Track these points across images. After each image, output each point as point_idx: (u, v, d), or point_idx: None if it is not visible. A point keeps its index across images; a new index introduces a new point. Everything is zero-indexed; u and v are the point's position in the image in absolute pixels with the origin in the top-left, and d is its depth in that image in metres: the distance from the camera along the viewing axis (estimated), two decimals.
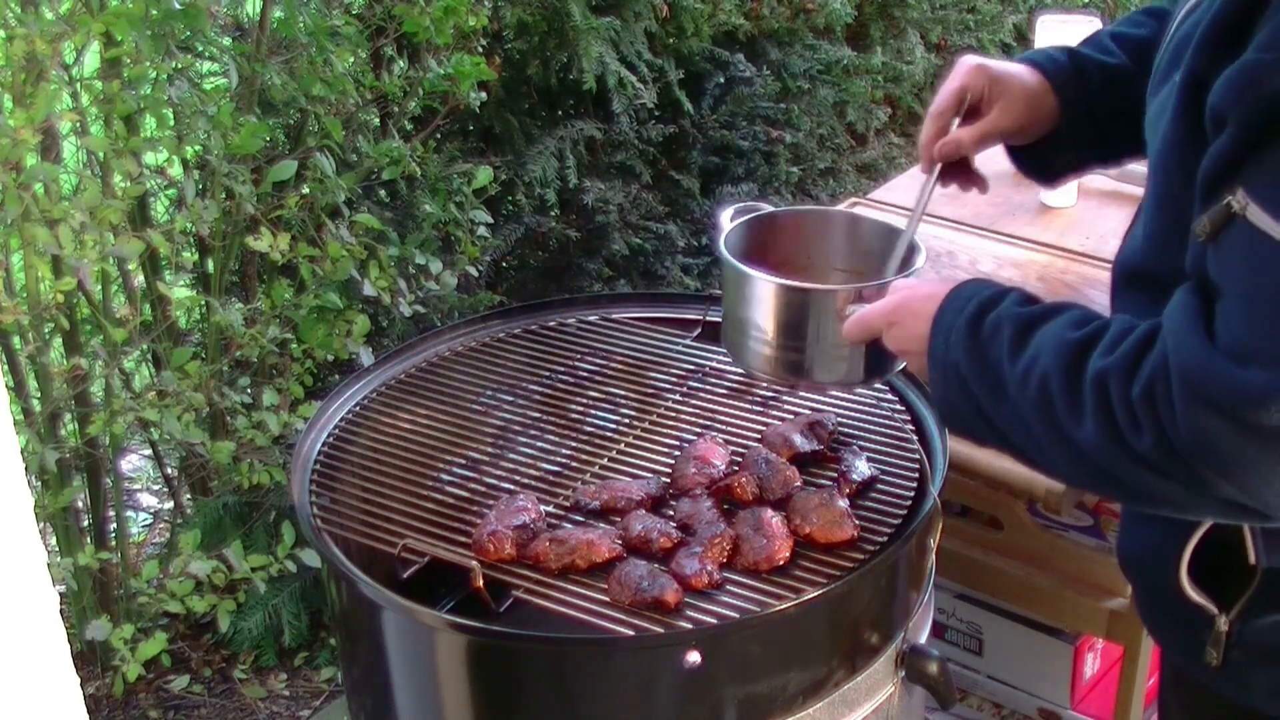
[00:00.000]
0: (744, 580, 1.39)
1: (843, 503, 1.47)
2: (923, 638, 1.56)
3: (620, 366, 1.81)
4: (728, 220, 1.53)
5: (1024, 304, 1.22)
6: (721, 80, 3.37)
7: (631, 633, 1.31)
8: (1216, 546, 1.23)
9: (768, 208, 1.59)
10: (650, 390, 1.76)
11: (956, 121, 1.46)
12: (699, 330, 1.87)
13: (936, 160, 1.47)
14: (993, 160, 2.26)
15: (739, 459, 1.59)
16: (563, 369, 1.81)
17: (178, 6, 2.15)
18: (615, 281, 3.25)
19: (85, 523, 2.64)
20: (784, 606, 1.33)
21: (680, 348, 1.85)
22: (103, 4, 2.04)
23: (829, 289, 1.43)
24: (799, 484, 1.52)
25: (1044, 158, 1.52)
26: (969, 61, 1.45)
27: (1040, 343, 1.16)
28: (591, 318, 1.92)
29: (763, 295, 1.44)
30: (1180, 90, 1.12)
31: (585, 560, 1.41)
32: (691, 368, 1.80)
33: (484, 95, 2.70)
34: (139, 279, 2.58)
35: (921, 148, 1.48)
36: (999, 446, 1.25)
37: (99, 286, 2.41)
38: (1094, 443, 1.10)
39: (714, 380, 1.78)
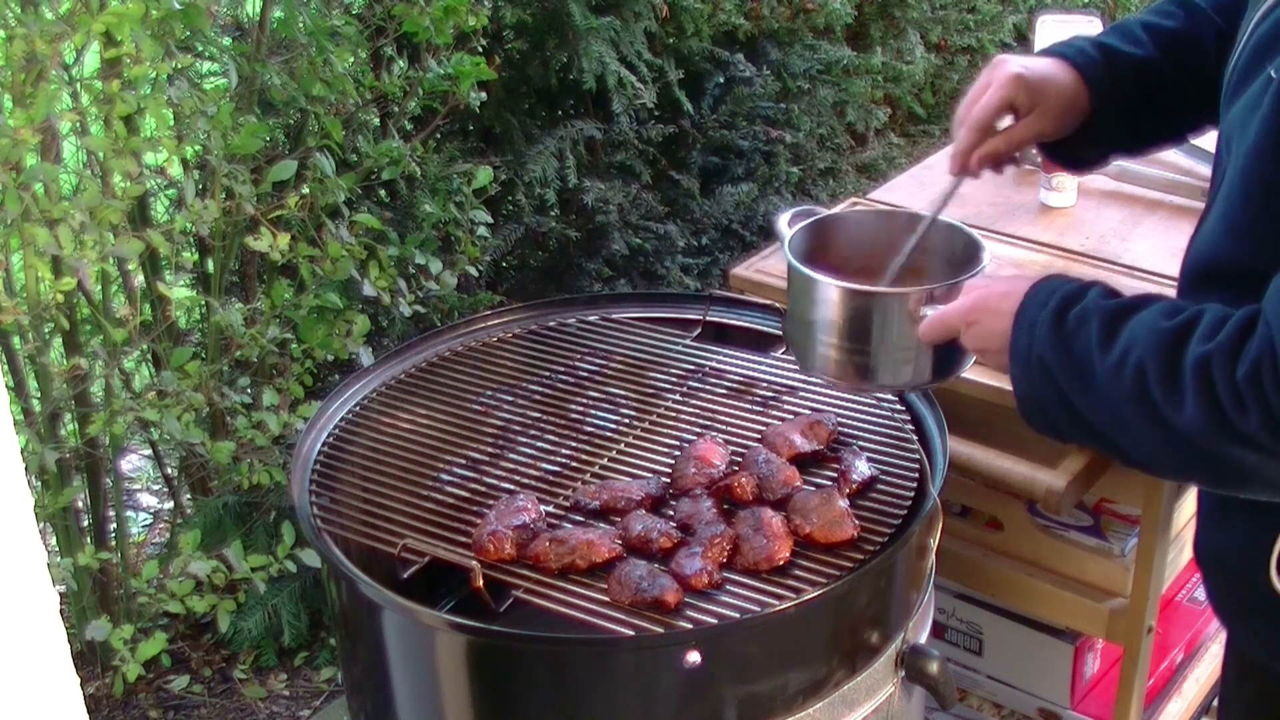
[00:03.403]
0: (744, 580, 1.39)
1: (843, 503, 1.47)
2: (923, 638, 1.56)
3: (620, 366, 1.81)
4: (785, 226, 1.53)
5: (1108, 296, 1.23)
6: (721, 80, 3.38)
7: (631, 633, 1.31)
8: None
9: (822, 210, 1.59)
10: (650, 390, 1.76)
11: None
12: (699, 330, 1.87)
13: (974, 171, 1.46)
14: None
15: (739, 459, 1.59)
16: (563, 369, 1.81)
17: (178, 6, 2.14)
18: (615, 281, 3.25)
19: (85, 523, 2.64)
20: (784, 606, 1.33)
21: (680, 348, 1.85)
22: (103, 4, 2.03)
23: (901, 291, 1.42)
24: (799, 484, 1.52)
25: (1074, 149, 1.52)
26: (1007, 71, 1.43)
27: (1133, 333, 1.17)
28: (591, 318, 1.92)
29: (831, 299, 1.43)
30: None
31: (585, 560, 1.41)
32: (691, 368, 1.80)
33: (484, 95, 2.70)
34: (139, 279, 2.58)
35: (956, 155, 1.46)
36: (1086, 440, 1.27)
37: (99, 286, 2.41)
38: (1195, 426, 1.12)
39: (714, 380, 1.78)
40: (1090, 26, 2.07)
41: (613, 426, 1.68)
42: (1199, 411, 1.12)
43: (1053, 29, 2.12)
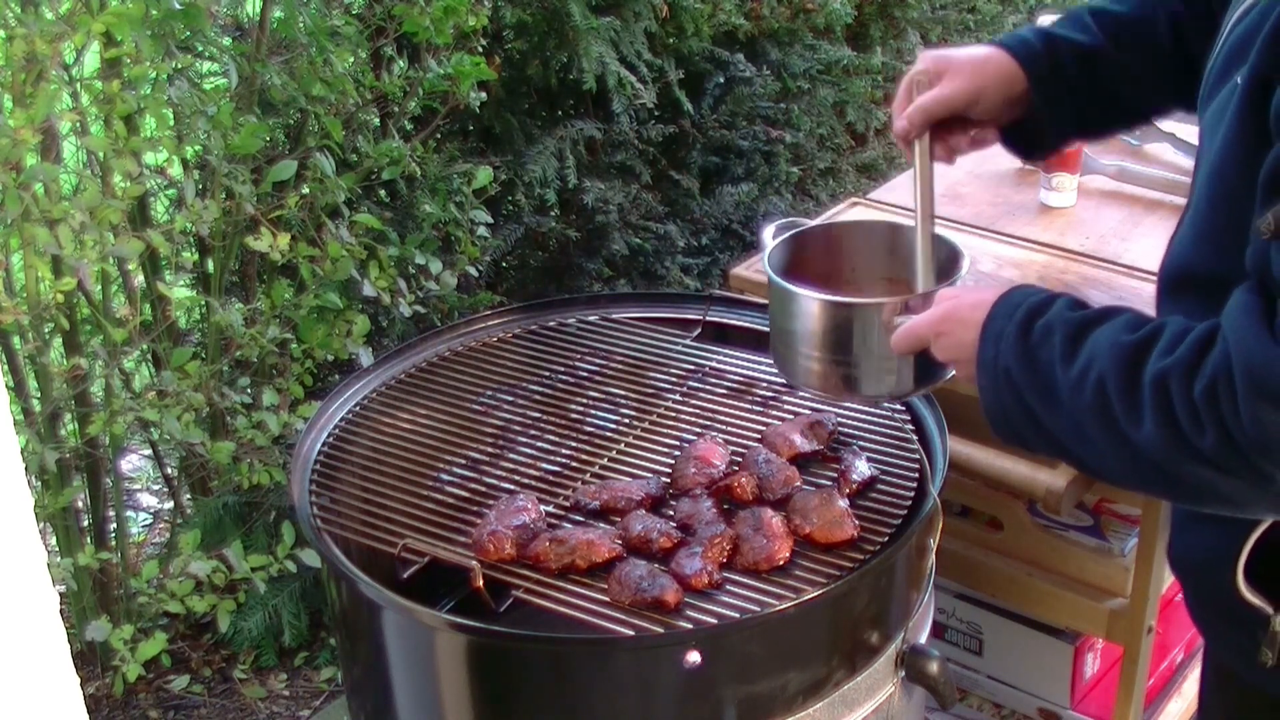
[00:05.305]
0: (744, 580, 1.39)
1: (843, 503, 1.47)
2: (923, 638, 1.56)
3: (620, 366, 1.81)
4: (769, 237, 1.53)
5: (1074, 309, 1.22)
6: (721, 80, 3.37)
7: (631, 633, 1.31)
8: (1273, 547, 1.24)
9: (808, 222, 1.59)
10: (650, 390, 1.76)
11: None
12: (699, 330, 1.87)
13: (912, 132, 1.47)
14: (992, 161, 2.26)
15: (739, 459, 1.59)
16: (563, 369, 1.81)
17: (178, 6, 2.14)
18: (615, 281, 3.25)
19: (85, 523, 2.64)
20: (784, 606, 1.33)
21: (680, 348, 1.85)
22: (103, 4, 2.03)
23: (874, 302, 1.43)
24: (799, 484, 1.53)
25: (1028, 135, 1.54)
26: (922, 52, 1.48)
27: (1095, 346, 1.17)
28: (591, 318, 1.92)
29: (809, 312, 1.44)
30: (1243, 91, 1.13)
31: (585, 560, 1.41)
32: (691, 368, 1.80)
33: (484, 95, 2.70)
34: (139, 279, 2.58)
35: (897, 137, 1.49)
36: (1051, 452, 1.26)
37: (99, 286, 2.41)
38: (1155, 443, 1.11)
39: (714, 380, 1.78)
40: None
41: (613, 426, 1.68)
42: (1157, 428, 1.11)
43: None
